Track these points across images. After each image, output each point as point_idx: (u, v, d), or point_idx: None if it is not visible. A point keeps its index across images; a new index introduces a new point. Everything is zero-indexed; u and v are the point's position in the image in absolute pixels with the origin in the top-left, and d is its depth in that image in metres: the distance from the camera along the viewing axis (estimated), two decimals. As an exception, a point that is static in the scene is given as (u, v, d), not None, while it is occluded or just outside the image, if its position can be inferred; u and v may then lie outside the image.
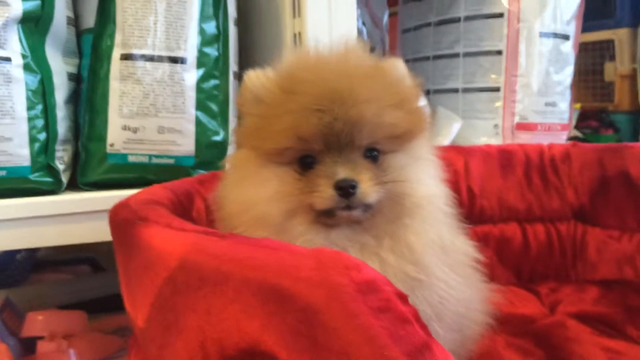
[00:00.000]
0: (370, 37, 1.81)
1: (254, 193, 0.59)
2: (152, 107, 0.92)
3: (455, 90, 1.53)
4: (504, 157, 1.15)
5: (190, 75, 0.94)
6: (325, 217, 0.58)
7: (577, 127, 2.31)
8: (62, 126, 0.91)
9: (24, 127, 0.84)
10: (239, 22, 1.09)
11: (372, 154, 0.61)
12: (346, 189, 0.56)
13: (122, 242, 0.56)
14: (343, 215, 0.58)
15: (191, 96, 0.94)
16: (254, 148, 0.61)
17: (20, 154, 0.84)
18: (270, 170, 0.60)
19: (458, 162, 1.13)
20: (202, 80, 0.96)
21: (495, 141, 1.45)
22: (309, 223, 0.59)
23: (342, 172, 0.57)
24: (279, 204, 0.58)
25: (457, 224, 0.74)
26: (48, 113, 0.87)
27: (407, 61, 1.73)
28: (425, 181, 0.65)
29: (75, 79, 0.97)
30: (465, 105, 1.51)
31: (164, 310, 0.47)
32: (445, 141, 1.33)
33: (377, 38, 1.87)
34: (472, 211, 1.13)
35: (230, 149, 0.97)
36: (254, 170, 0.60)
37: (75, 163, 0.96)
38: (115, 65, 0.92)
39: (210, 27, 0.96)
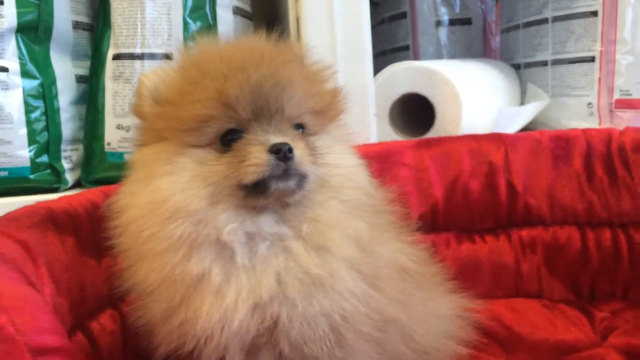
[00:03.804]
0: (464, 7, 1.61)
1: (166, 183, 0.54)
2: (142, 106, 0.93)
3: (545, 63, 1.29)
4: (559, 146, 0.94)
5: (179, 71, 0.93)
6: (254, 196, 0.53)
7: None
8: (68, 127, 0.97)
9: (22, 131, 0.90)
10: (255, 12, 1.05)
11: (300, 131, 0.57)
12: (284, 152, 0.51)
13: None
14: (278, 188, 0.52)
15: (180, 92, 0.93)
16: (165, 138, 0.56)
17: (20, 155, 0.90)
18: (186, 155, 0.55)
19: (496, 152, 0.95)
20: (193, 75, 0.93)
21: (590, 123, 1.20)
22: (235, 209, 0.53)
23: (276, 138, 0.52)
24: (198, 189, 0.53)
25: (390, 227, 0.62)
26: (49, 115, 0.93)
27: (501, 32, 1.52)
28: (348, 160, 0.61)
29: (86, 80, 1.01)
30: (554, 81, 1.27)
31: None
32: (512, 124, 1.13)
33: (477, 7, 1.65)
34: (514, 211, 0.95)
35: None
36: (165, 159, 0.55)
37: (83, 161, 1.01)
38: (109, 65, 0.94)
39: (199, 20, 0.94)
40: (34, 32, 0.92)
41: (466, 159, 0.94)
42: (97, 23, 0.98)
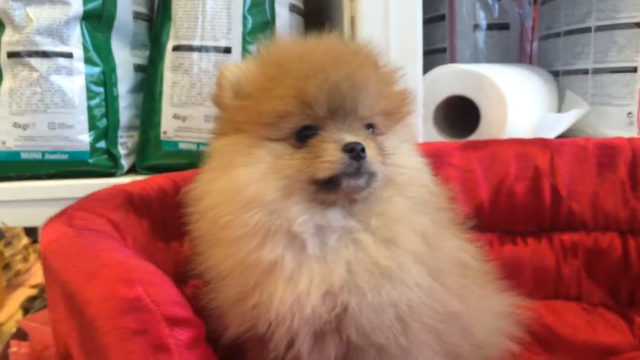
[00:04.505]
0: (503, 11, 1.62)
1: (243, 174, 0.56)
2: (198, 97, 0.96)
3: (585, 72, 1.31)
4: (604, 154, 0.96)
5: (236, 64, 0.95)
6: (325, 191, 0.55)
7: None
8: (126, 114, 1.00)
9: (84, 116, 0.93)
10: (306, 10, 1.07)
11: (370, 131, 0.60)
12: (357, 151, 0.54)
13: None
14: (349, 185, 0.55)
15: (236, 85, 0.95)
16: (242, 130, 0.59)
17: (80, 139, 0.93)
18: (262, 148, 0.57)
19: (542, 157, 0.97)
20: (250, 68, 0.96)
21: (629, 132, 1.21)
22: (306, 202, 0.56)
23: (350, 137, 0.55)
24: (272, 181, 0.56)
25: (451, 224, 0.65)
26: (108, 102, 0.96)
27: (540, 39, 1.54)
28: (414, 161, 0.64)
29: (143, 69, 1.04)
30: (595, 89, 1.29)
31: (49, 302, 0.49)
32: (554, 130, 1.15)
33: (515, 12, 1.67)
34: (557, 215, 0.97)
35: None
36: (243, 151, 0.58)
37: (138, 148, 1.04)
38: (169, 56, 0.97)
39: (257, 15, 0.96)
40: (97, 20, 0.94)
41: (512, 162, 0.96)
42: (157, 14, 1.01)
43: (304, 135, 0.57)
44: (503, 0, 1.64)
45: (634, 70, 1.20)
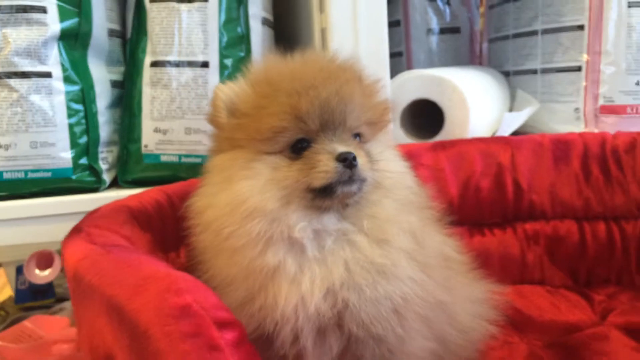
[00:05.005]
0: (454, 16, 1.71)
1: (245, 186, 0.60)
2: (179, 110, 0.99)
3: (534, 71, 1.40)
4: (559, 148, 1.05)
5: (214, 78, 0.99)
6: (321, 198, 0.60)
7: None
8: (105, 130, 1.01)
9: (65, 133, 0.95)
10: (276, 23, 1.11)
11: (357, 140, 0.64)
12: (350, 160, 0.58)
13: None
14: (342, 192, 0.59)
15: (215, 98, 0.99)
16: (240, 145, 0.63)
17: (62, 157, 0.94)
18: (261, 162, 0.61)
19: (503, 154, 1.05)
20: (226, 81, 1.00)
21: (576, 127, 1.32)
22: (303, 209, 0.60)
23: (342, 148, 0.60)
24: (273, 191, 0.59)
25: (433, 221, 0.71)
26: (88, 119, 0.97)
27: (489, 41, 1.63)
28: (397, 162, 0.69)
29: (120, 85, 1.06)
30: (544, 88, 1.38)
31: (76, 316, 0.52)
32: (508, 129, 1.23)
33: (464, 16, 1.76)
34: (519, 207, 1.05)
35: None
36: (242, 165, 0.62)
37: (119, 162, 1.06)
38: (147, 72, 0.99)
39: (233, 30, 1.00)
40: (74, 39, 0.96)
41: (477, 160, 1.04)
42: (132, 31, 1.03)
43: (298, 148, 0.61)
44: (453, 5, 1.73)
45: (579, 69, 1.30)
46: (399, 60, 1.67)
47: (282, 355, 0.63)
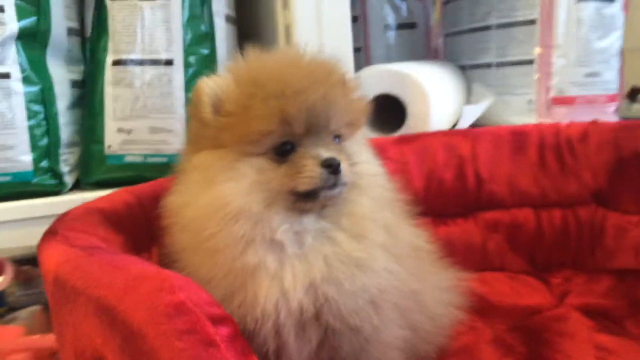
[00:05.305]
0: (410, 12, 1.75)
1: (229, 188, 0.60)
2: (143, 109, 0.98)
3: (489, 65, 1.45)
4: (516, 139, 1.09)
5: (179, 76, 0.98)
6: (303, 201, 0.60)
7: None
8: (66, 131, 0.99)
9: (25, 136, 0.92)
10: (239, 18, 1.11)
11: (336, 140, 0.65)
12: (335, 167, 0.59)
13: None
14: (326, 196, 0.60)
15: (180, 96, 0.98)
16: (223, 145, 0.62)
17: (22, 160, 0.92)
18: (245, 163, 0.61)
19: (464, 146, 1.08)
20: (191, 79, 0.99)
21: (530, 118, 1.37)
22: (285, 211, 0.60)
23: (326, 153, 0.60)
24: (257, 194, 0.60)
25: (404, 214, 0.73)
26: (49, 120, 0.95)
27: (445, 36, 1.67)
28: (372, 162, 0.70)
29: (80, 85, 1.04)
30: (498, 81, 1.43)
31: (55, 321, 0.52)
32: (467, 121, 1.27)
33: (420, 12, 1.80)
34: (480, 197, 1.09)
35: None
36: (226, 166, 0.61)
37: (80, 164, 1.04)
38: (109, 71, 0.98)
39: (196, 27, 0.99)
40: (32, 38, 0.94)
41: (440, 152, 1.07)
42: (92, 29, 1.01)
43: (282, 151, 0.61)
44: (409, 1, 1.77)
45: (531, 62, 1.35)
46: (358, 55, 1.70)
47: (263, 351, 0.64)
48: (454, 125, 1.28)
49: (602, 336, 0.84)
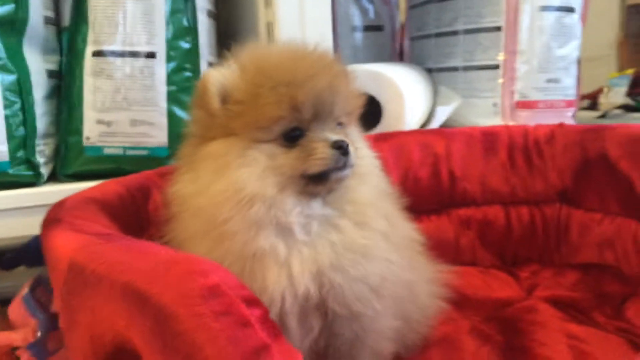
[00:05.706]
0: (377, 14, 1.79)
1: (243, 174, 0.61)
2: (124, 101, 0.96)
3: (456, 69, 1.50)
4: (487, 140, 1.13)
5: (161, 69, 0.98)
6: (314, 184, 0.62)
7: (629, 94, 2.21)
8: (42, 121, 0.97)
9: (1, 126, 0.89)
10: (219, 14, 1.11)
11: (338, 127, 0.67)
12: (345, 148, 0.61)
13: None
14: (336, 177, 0.62)
15: (162, 89, 0.98)
16: (233, 133, 0.63)
17: (-1, 150, 0.90)
18: (256, 149, 0.62)
19: (439, 145, 1.12)
20: (173, 73, 0.99)
21: (495, 120, 1.42)
22: (296, 195, 0.62)
23: (334, 136, 0.62)
24: (270, 178, 0.61)
25: (397, 206, 0.76)
26: (26, 110, 0.92)
27: (411, 39, 1.72)
28: (369, 152, 0.74)
29: (56, 75, 1.02)
30: (465, 84, 1.48)
31: (65, 308, 0.51)
32: (438, 122, 1.32)
33: (386, 15, 1.84)
34: (453, 194, 1.13)
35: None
36: (239, 153, 0.62)
37: (57, 155, 1.01)
38: (88, 62, 0.96)
39: (179, 21, 0.99)
40: (10, 26, 0.91)
41: (416, 150, 1.10)
42: (71, 19, 0.99)
43: (291, 136, 0.63)
44: (376, 3, 1.81)
45: (497, 67, 1.41)
46: (326, 55, 1.72)
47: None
48: (424, 125, 1.32)
49: (572, 325, 0.89)
